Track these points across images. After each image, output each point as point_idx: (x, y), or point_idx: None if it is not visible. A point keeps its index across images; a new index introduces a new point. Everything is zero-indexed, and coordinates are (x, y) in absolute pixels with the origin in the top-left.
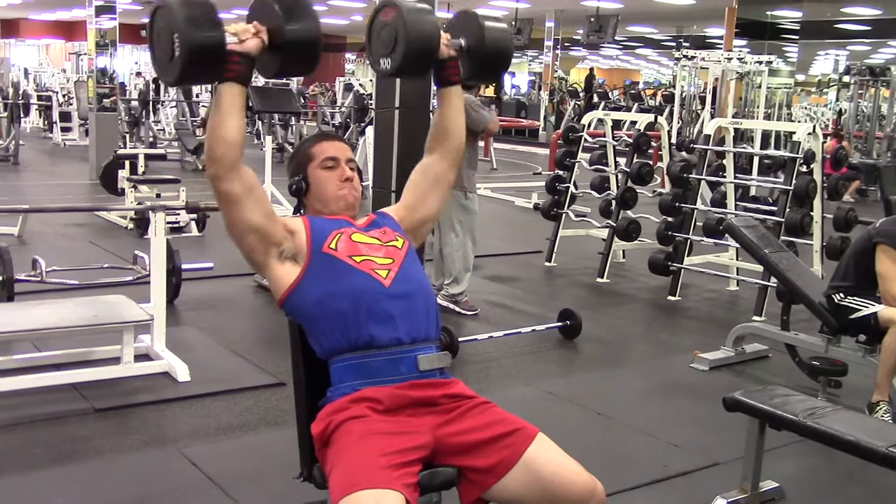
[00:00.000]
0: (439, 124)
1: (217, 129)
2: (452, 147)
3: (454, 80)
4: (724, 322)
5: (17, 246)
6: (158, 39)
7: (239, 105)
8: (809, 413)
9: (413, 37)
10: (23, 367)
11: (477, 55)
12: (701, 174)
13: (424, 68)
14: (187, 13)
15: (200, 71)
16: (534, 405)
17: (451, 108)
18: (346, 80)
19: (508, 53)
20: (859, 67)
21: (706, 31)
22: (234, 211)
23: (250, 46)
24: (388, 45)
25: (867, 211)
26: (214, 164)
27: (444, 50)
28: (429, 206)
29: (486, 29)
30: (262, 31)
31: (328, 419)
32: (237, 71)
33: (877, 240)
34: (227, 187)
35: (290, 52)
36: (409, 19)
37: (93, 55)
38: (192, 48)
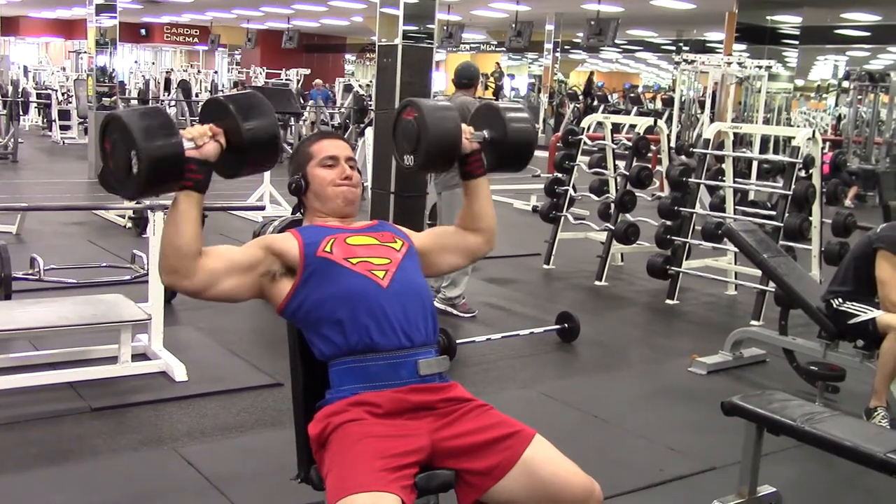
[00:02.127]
0: (470, 213)
1: (172, 240)
2: (486, 230)
3: (479, 172)
4: (722, 326)
5: (16, 244)
6: (113, 153)
7: (196, 214)
8: (807, 418)
9: (434, 136)
10: (20, 366)
11: (500, 147)
12: (700, 178)
13: (448, 163)
14: (142, 125)
15: (160, 183)
16: (531, 408)
17: (479, 199)
18: (346, 80)
19: (532, 144)
20: (858, 73)
21: (706, 35)
22: (211, 296)
23: (208, 151)
24: (411, 143)
25: (866, 216)
26: (170, 276)
27: (466, 145)
28: (443, 262)
29: (507, 121)
30: (218, 133)
31: (326, 421)
32: (196, 179)
33: (877, 245)
34: (188, 288)
35: (249, 151)
36: (430, 119)
37: (93, 53)
38: (151, 162)
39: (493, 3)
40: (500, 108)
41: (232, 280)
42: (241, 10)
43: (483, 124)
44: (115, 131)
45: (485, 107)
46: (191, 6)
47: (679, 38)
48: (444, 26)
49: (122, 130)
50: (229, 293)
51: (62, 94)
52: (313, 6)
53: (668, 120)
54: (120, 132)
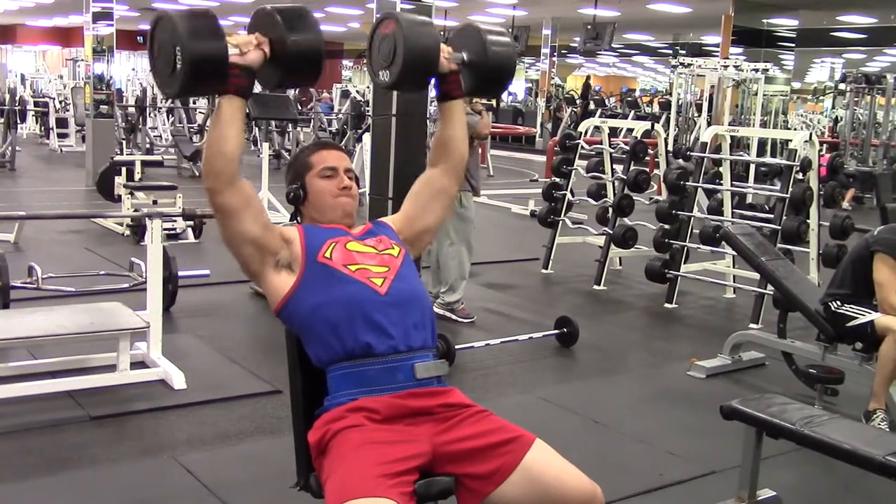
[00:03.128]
0: (441, 138)
1: (216, 143)
2: (455, 160)
3: (455, 94)
4: (721, 330)
5: (13, 252)
6: (159, 51)
7: (239, 118)
8: (806, 421)
9: (411, 49)
10: (18, 375)
11: (479, 69)
12: (697, 182)
13: (423, 81)
14: (189, 25)
15: (202, 84)
16: (530, 413)
17: (452, 122)
18: (343, 86)
19: (511, 67)
20: (855, 75)
21: (702, 38)
22: (231, 223)
23: (252, 59)
24: (387, 57)
25: (864, 218)
26: (212, 178)
27: (444, 63)
28: (429, 217)
29: (488, 42)
30: (264, 42)
31: (325, 428)
32: (238, 84)
33: (874, 248)
34: (224, 200)
35: (292, 65)
36: (408, 32)
37: (90, 61)
38: (194, 61)
39: (490, 7)
40: (482, 29)
41: (254, 224)
42: (239, 17)
43: (463, 45)
44: (163, 30)
45: (465, 28)
46: None
47: (676, 42)
48: (440, 32)
49: (170, 28)
50: (245, 232)
51: (59, 102)
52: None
53: (665, 123)
54: (168, 30)
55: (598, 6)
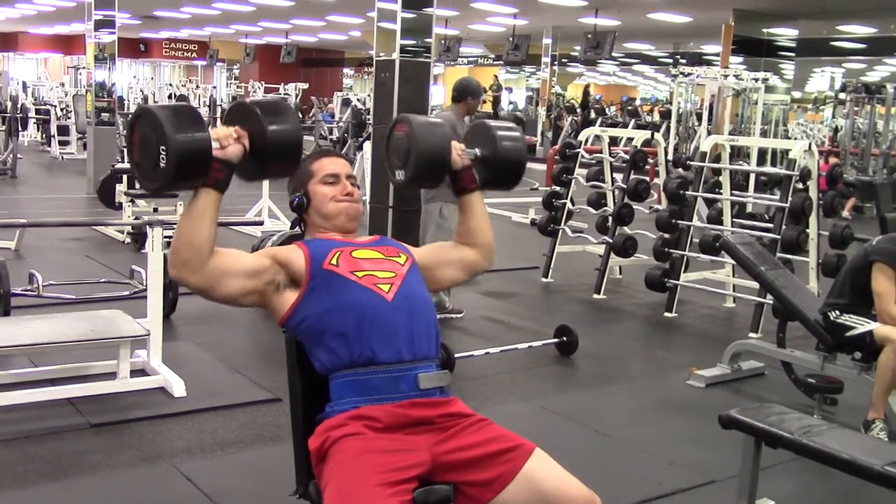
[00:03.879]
0: (466, 229)
1: (187, 234)
2: (483, 245)
3: (470, 188)
4: (721, 339)
5: (14, 260)
6: (142, 145)
7: (213, 212)
8: (805, 431)
9: (423, 150)
10: (19, 382)
11: (491, 164)
12: (697, 191)
13: (437, 179)
14: (175, 121)
15: (185, 179)
16: (530, 422)
17: (473, 214)
18: (344, 95)
19: (522, 161)
20: (855, 85)
21: (703, 48)
22: (214, 295)
23: (232, 153)
24: (401, 157)
25: (863, 228)
26: (178, 267)
27: (457, 160)
28: (443, 277)
29: (498, 138)
30: (243, 136)
31: (325, 435)
32: (217, 178)
33: (873, 258)
34: (195, 283)
35: (272, 156)
36: (419, 134)
37: (91, 69)
38: (179, 158)
39: (491, 17)
40: (492, 126)
41: (238, 283)
42: (240, 25)
43: (475, 142)
44: (147, 125)
45: (477, 125)
46: (189, 22)
47: (676, 51)
48: (441, 40)
49: (154, 124)
50: (233, 295)
51: (61, 110)
52: (311, 21)
53: (665, 133)
54: (151, 126)
55: (598, 15)
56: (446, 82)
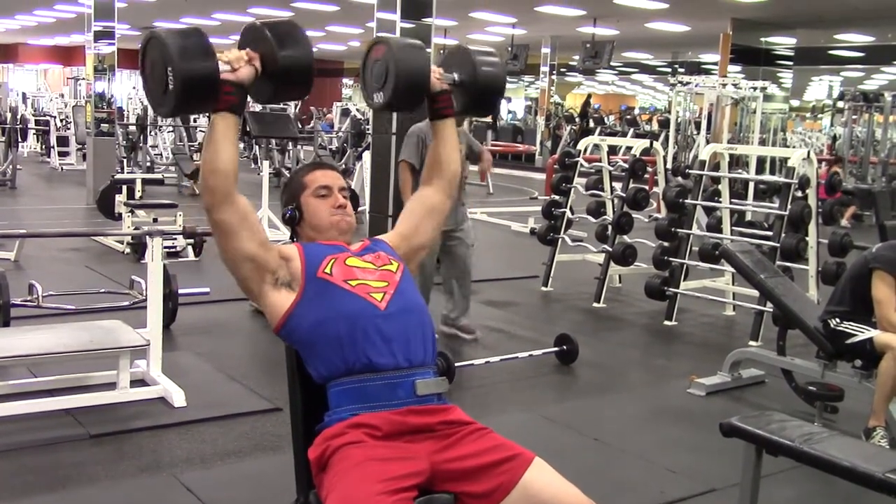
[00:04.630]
0: (434, 156)
1: (211, 160)
2: (447, 178)
3: (447, 113)
4: (721, 347)
5: (14, 270)
6: (151, 71)
7: (233, 135)
8: (806, 439)
9: (403, 70)
10: (18, 393)
11: (470, 88)
12: (696, 199)
13: (416, 101)
14: (180, 44)
15: (195, 102)
16: (530, 431)
17: (444, 140)
18: (344, 105)
19: (500, 86)
20: (853, 93)
21: (701, 57)
22: (229, 240)
23: (243, 75)
24: (379, 79)
25: (862, 236)
26: (209, 195)
27: (435, 83)
28: (423, 234)
29: (477, 63)
30: (254, 58)
31: (325, 444)
32: (231, 101)
33: (873, 265)
34: (221, 217)
35: (283, 79)
36: (399, 54)
37: (91, 80)
38: (186, 80)
39: (490, 26)
40: (471, 50)
41: (253, 242)
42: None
43: (454, 66)
44: (154, 49)
45: (455, 49)
46: None
47: (674, 60)
48: (440, 50)
49: (161, 48)
50: (245, 251)
51: (60, 121)
52: (311, 31)
53: (664, 141)
54: (158, 50)
55: (596, 25)
56: None
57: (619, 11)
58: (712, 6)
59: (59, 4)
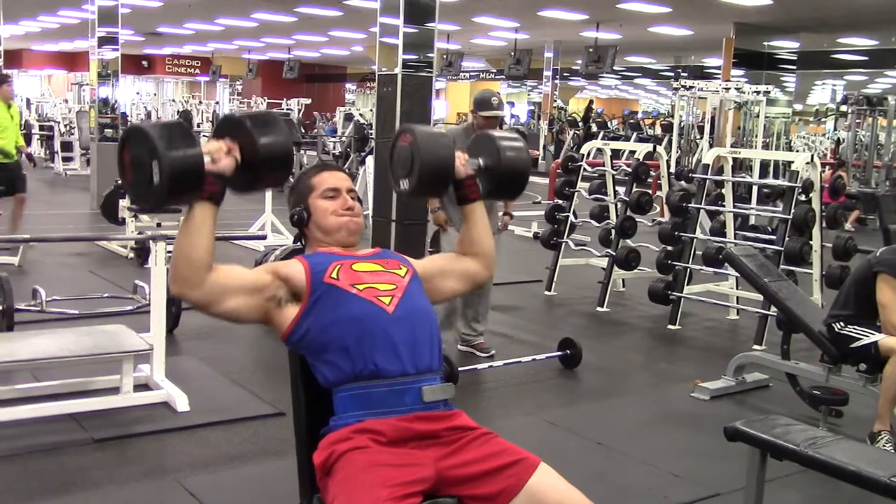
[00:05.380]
0: (468, 239)
1: (184, 249)
2: (483, 254)
3: (473, 197)
4: (725, 351)
5: (18, 275)
6: (134, 165)
7: (210, 225)
8: (811, 443)
9: (427, 159)
10: (21, 397)
11: (494, 174)
12: (700, 203)
13: (441, 187)
14: (166, 137)
15: (180, 194)
16: (534, 435)
17: (475, 223)
18: (347, 109)
19: (526, 170)
20: (856, 97)
21: (704, 61)
22: (216, 311)
23: (224, 166)
24: (405, 167)
25: (866, 240)
26: (179, 283)
27: (460, 170)
28: (447, 285)
29: (501, 148)
30: (234, 148)
31: (330, 448)
32: (212, 191)
33: (877, 269)
34: (196, 299)
35: (263, 168)
36: (423, 144)
37: (95, 85)
38: (173, 173)
39: (493, 31)
40: (495, 136)
41: (239, 299)
42: (242, 41)
43: (479, 152)
44: (138, 142)
45: (481, 136)
46: (192, 38)
47: (677, 65)
48: (443, 55)
49: (146, 141)
50: (234, 311)
51: (65, 126)
52: (314, 37)
53: (667, 145)
54: (143, 143)
55: (599, 29)
56: (448, 97)
57: (621, 16)
58: (715, 10)
59: (63, 10)
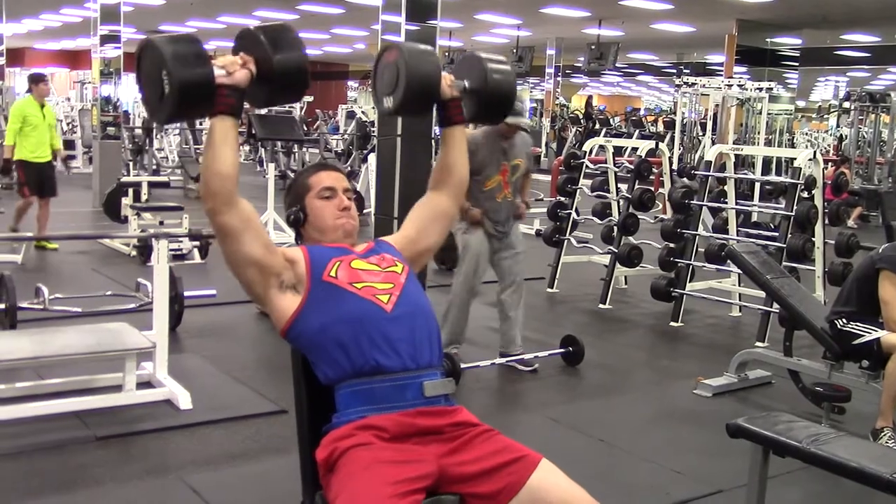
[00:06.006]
0: (442, 161)
1: (212, 164)
2: (455, 183)
3: (457, 119)
4: (727, 348)
5: (21, 273)
6: (147, 79)
7: (232, 137)
8: (813, 440)
9: (413, 75)
10: (25, 395)
11: (480, 96)
12: (702, 200)
13: (426, 107)
14: (174, 50)
15: (191, 107)
16: (536, 432)
17: (454, 146)
18: (349, 107)
19: (511, 93)
20: (859, 93)
21: (707, 58)
22: (233, 244)
23: (239, 78)
24: (390, 84)
25: (869, 236)
26: (211, 198)
27: (446, 90)
28: (429, 238)
29: (488, 70)
30: (249, 62)
31: (333, 445)
32: (228, 104)
33: (880, 266)
34: (224, 220)
35: (279, 82)
36: (410, 59)
37: (97, 84)
38: (181, 85)
39: (495, 28)
40: (482, 58)
41: (257, 245)
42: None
43: (464, 73)
44: (149, 57)
45: (467, 56)
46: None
47: (680, 61)
48: (445, 52)
49: (156, 55)
50: (249, 254)
51: (67, 124)
52: (316, 34)
53: (669, 142)
54: (153, 57)
55: (601, 26)
56: None
57: (624, 12)
58: (717, 7)
59: (65, 8)
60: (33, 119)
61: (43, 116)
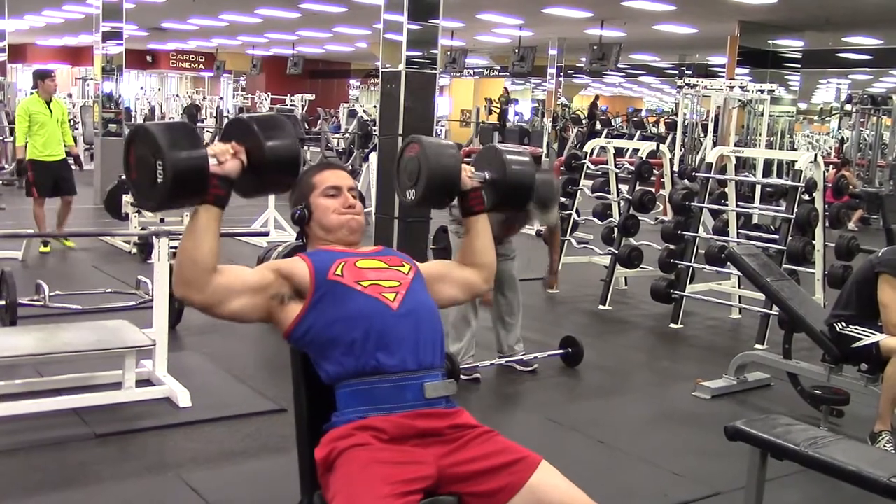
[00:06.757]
0: (470, 249)
1: (191, 251)
2: (487, 268)
3: (478, 209)
4: (726, 350)
5: (21, 270)
6: (138, 164)
7: (214, 228)
8: (811, 443)
9: (434, 171)
10: (24, 392)
11: (500, 186)
12: (703, 202)
13: (447, 198)
14: (171, 137)
15: (184, 196)
16: (535, 433)
17: (477, 235)
18: (350, 106)
19: (530, 185)
20: (861, 96)
21: (708, 59)
22: (220, 313)
23: (230, 168)
24: (412, 177)
25: (869, 239)
26: (183, 286)
27: (466, 181)
28: (443, 293)
29: (507, 161)
30: (240, 151)
31: (332, 445)
32: (217, 194)
33: (879, 269)
34: (200, 302)
35: (270, 172)
36: (431, 154)
37: (99, 80)
38: (177, 173)
39: (497, 28)
40: (502, 150)
41: (242, 300)
42: (247, 37)
43: (485, 165)
44: (143, 142)
45: (487, 149)
46: (196, 33)
47: (682, 63)
48: (447, 52)
49: (151, 141)
50: (238, 312)
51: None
52: (318, 33)
53: (671, 144)
54: (148, 143)
55: (603, 27)
56: (452, 93)
57: (626, 13)
58: (720, 8)
59: (67, 5)
60: (39, 117)
61: (50, 113)
